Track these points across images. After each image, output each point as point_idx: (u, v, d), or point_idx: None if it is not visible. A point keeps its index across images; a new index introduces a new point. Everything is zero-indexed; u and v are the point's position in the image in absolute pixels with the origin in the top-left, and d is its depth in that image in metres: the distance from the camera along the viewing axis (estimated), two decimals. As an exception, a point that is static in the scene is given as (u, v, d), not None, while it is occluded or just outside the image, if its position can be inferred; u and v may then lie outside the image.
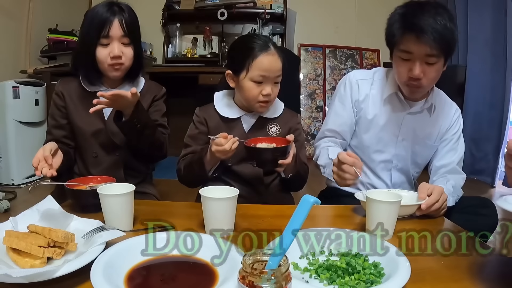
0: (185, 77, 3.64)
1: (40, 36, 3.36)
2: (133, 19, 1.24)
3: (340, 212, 1.09)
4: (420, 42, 1.09)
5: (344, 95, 1.36)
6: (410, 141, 1.32)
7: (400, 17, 1.15)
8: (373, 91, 1.33)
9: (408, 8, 1.14)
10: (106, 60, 1.21)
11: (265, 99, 1.19)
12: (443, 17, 1.08)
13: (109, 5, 1.21)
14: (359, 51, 4.30)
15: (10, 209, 2.22)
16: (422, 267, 0.73)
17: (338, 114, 1.37)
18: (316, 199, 0.53)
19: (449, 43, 1.10)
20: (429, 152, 1.35)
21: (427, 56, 1.11)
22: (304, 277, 0.69)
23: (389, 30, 1.18)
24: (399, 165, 1.36)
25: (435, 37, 1.07)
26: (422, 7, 1.11)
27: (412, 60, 1.14)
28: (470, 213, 1.17)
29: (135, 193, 0.90)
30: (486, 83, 3.38)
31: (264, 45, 1.18)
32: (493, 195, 3.05)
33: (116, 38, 1.20)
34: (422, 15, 1.09)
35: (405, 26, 1.12)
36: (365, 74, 1.37)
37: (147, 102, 1.35)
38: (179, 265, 0.70)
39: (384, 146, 1.33)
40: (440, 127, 1.32)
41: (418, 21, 1.08)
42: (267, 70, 1.17)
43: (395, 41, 1.16)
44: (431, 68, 1.14)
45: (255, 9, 3.93)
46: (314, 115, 4.24)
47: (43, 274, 0.60)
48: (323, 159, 1.31)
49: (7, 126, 2.78)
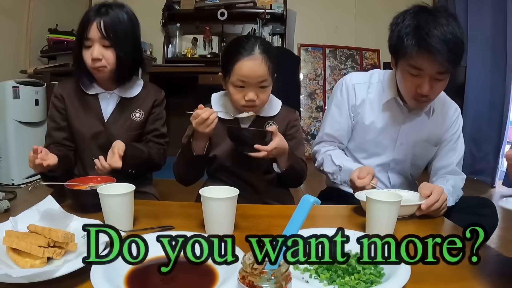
0: (185, 77, 3.64)
1: (40, 36, 3.36)
2: (115, 21, 1.20)
3: (340, 212, 1.09)
4: (433, 61, 1.05)
5: (340, 100, 1.35)
6: (409, 145, 1.31)
7: (413, 31, 1.08)
8: (370, 95, 1.31)
9: (421, 19, 1.07)
10: (89, 62, 1.22)
11: (249, 104, 1.17)
12: (454, 29, 1.05)
13: (98, 6, 1.22)
14: (359, 51, 4.30)
15: (10, 209, 2.21)
16: (422, 267, 0.72)
17: (334, 119, 1.36)
18: (316, 199, 0.53)
19: (461, 59, 1.08)
20: (429, 154, 1.34)
21: (437, 73, 1.09)
22: (304, 277, 0.69)
23: (399, 40, 1.11)
24: (397, 168, 1.35)
25: (450, 57, 1.04)
26: (435, 19, 1.06)
27: (421, 76, 1.11)
28: (470, 213, 1.16)
29: (135, 193, 0.90)
30: (486, 83, 3.38)
31: (248, 50, 1.14)
32: (493, 195, 3.05)
33: (95, 40, 1.20)
34: (436, 30, 1.04)
35: (419, 44, 1.06)
36: (362, 78, 1.35)
37: (147, 106, 1.35)
38: (179, 265, 0.70)
39: (382, 150, 1.33)
40: (440, 129, 1.30)
41: (434, 40, 1.03)
42: (247, 76, 1.14)
43: (405, 54, 1.10)
44: (439, 83, 1.13)
45: (255, 9, 3.94)
46: (314, 115, 4.24)
47: (43, 274, 0.60)
48: (328, 166, 1.32)
49: (7, 126, 2.78)
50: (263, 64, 1.14)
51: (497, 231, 1.96)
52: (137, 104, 1.34)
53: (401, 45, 1.10)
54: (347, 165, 1.26)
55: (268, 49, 1.17)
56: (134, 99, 1.34)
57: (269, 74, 1.17)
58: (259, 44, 1.16)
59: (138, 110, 1.34)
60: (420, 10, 1.10)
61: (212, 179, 1.31)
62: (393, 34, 1.14)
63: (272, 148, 1.11)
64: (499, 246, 1.89)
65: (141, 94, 1.35)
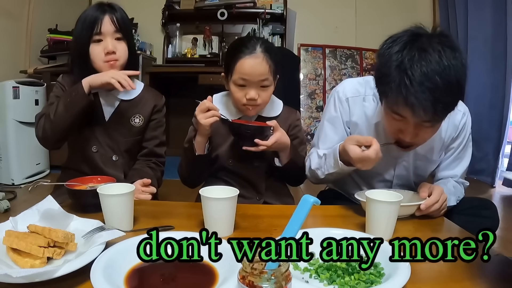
0: (185, 77, 3.64)
1: (40, 36, 3.36)
2: (123, 16, 1.27)
3: (340, 212, 1.09)
4: (415, 115, 0.89)
5: (334, 116, 1.22)
6: (411, 160, 1.20)
7: (395, 71, 0.89)
8: (366, 110, 1.18)
9: (406, 54, 0.88)
10: (100, 57, 1.23)
11: (250, 103, 1.18)
12: (449, 66, 0.85)
13: (99, 5, 1.25)
14: (359, 51, 4.30)
15: (10, 209, 2.21)
16: (422, 267, 0.73)
17: (328, 137, 1.23)
18: (316, 199, 0.53)
19: (454, 103, 0.91)
20: (432, 166, 1.24)
21: (423, 121, 0.92)
22: (304, 277, 0.69)
23: (379, 77, 0.96)
24: (400, 183, 1.25)
25: (437, 109, 0.86)
26: (424, 55, 0.86)
27: (404, 122, 0.95)
28: (470, 215, 1.14)
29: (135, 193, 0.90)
30: (486, 83, 3.38)
31: (250, 48, 1.15)
32: (493, 195, 3.05)
33: (108, 34, 1.22)
34: (421, 71, 0.85)
35: (398, 91, 0.88)
36: (355, 90, 1.20)
37: (146, 112, 1.36)
38: (179, 265, 0.70)
39: (383, 169, 1.21)
40: (444, 140, 1.18)
41: (416, 89, 0.85)
42: (248, 74, 1.15)
43: (387, 98, 0.94)
44: (427, 131, 0.97)
45: (255, 9, 3.93)
46: (314, 115, 4.24)
47: (43, 274, 0.60)
48: (314, 163, 1.21)
49: (7, 126, 2.78)
50: (264, 62, 1.15)
51: (497, 232, 1.95)
52: (136, 109, 1.35)
53: (381, 86, 0.96)
54: (330, 149, 1.15)
55: (270, 48, 1.18)
56: (134, 103, 1.35)
57: (270, 73, 1.18)
58: (261, 44, 1.17)
59: (138, 115, 1.34)
60: (410, 41, 0.90)
61: (213, 178, 1.31)
62: (376, 68, 0.99)
63: (272, 143, 1.12)
64: (499, 246, 1.89)
65: (141, 98, 1.36)
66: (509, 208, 2.77)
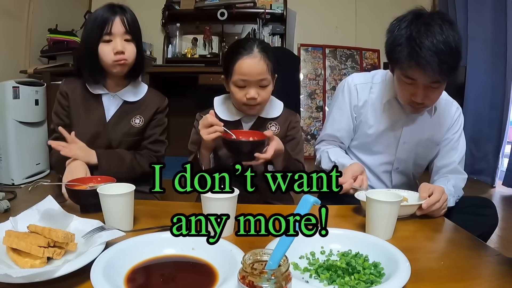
0: (185, 77, 3.64)
1: (40, 36, 3.36)
2: (133, 18, 1.28)
3: (340, 212, 1.09)
4: (425, 73, 1.05)
5: (342, 101, 1.36)
6: (412, 144, 1.32)
7: (405, 41, 1.07)
8: (373, 95, 1.32)
9: (414, 28, 1.06)
10: (110, 56, 1.23)
11: (250, 103, 1.20)
12: (448, 37, 1.03)
13: (110, 6, 1.26)
14: (359, 51, 4.30)
15: (10, 209, 2.21)
16: (422, 267, 0.73)
17: (336, 120, 1.37)
18: (316, 199, 0.53)
19: (456, 67, 1.07)
20: (431, 153, 1.35)
21: (431, 82, 1.09)
22: (304, 277, 0.69)
23: (392, 50, 1.12)
24: (400, 168, 1.36)
25: (441, 68, 1.03)
26: (429, 28, 1.04)
27: (415, 85, 1.11)
28: (470, 213, 1.16)
29: (135, 193, 0.90)
30: (486, 83, 3.38)
31: (247, 49, 1.18)
32: (493, 195, 3.05)
33: (118, 35, 1.23)
34: (428, 40, 1.02)
35: (411, 56, 1.05)
36: (364, 78, 1.36)
37: (149, 113, 1.36)
38: (179, 265, 0.70)
39: (385, 149, 1.34)
40: (441, 127, 1.31)
41: (425, 53, 1.02)
42: (247, 74, 1.17)
43: (398, 64, 1.12)
44: (435, 91, 1.13)
45: (255, 9, 3.93)
46: (314, 115, 4.24)
47: (43, 274, 0.60)
48: (325, 163, 1.32)
49: (7, 126, 2.78)
50: (262, 61, 1.18)
51: (497, 231, 1.96)
52: (139, 110, 1.35)
53: (394, 55, 1.11)
54: (342, 161, 1.27)
55: (266, 48, 1.22)
56: (136, 105, 1.35)
57: (269, 72, 1.20)
58: (258, 44, 1.20)
59: (139, 116, 1.35)
60: (415, 18, 1.08)
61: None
62: (388, 42, 1.14)
63: (271, 155, 1.12)
64: (499, 246, 1.89)
65: (144, 100, 1.37)
66: (509, 208, 2.77)
